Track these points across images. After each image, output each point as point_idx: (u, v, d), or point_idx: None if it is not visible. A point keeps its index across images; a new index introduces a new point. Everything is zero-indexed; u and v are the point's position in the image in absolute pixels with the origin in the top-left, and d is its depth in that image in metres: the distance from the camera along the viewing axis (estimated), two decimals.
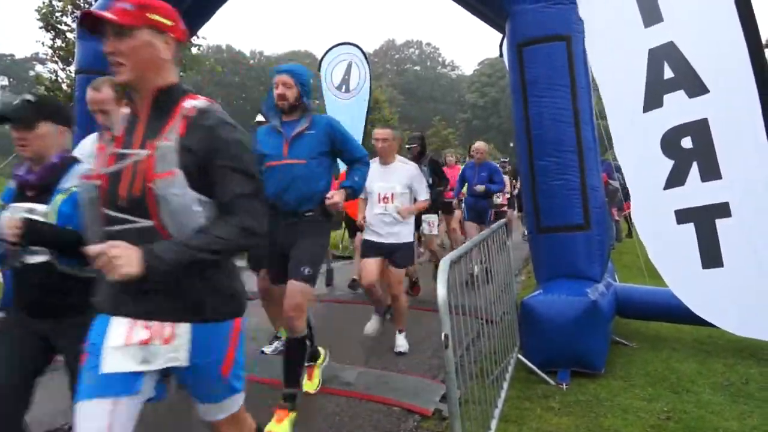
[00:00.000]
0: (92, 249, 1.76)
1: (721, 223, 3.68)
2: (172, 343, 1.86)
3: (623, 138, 4.13)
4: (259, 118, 5.18)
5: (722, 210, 3.67)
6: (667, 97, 3.85)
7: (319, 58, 12.92)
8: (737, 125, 3.66)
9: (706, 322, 3.92)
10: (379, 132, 5.05)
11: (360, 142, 11.42)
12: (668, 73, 3.86)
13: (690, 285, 3.81)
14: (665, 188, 3.89)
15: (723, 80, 3.70)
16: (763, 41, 3.92)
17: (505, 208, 9.83)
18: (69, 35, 14.13)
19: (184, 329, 1.88)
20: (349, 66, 12.14)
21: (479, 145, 8.60)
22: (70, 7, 14.24)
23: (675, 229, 3.81)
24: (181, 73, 16.52)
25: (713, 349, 4.82)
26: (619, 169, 9.87)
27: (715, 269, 3.68)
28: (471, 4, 5.92)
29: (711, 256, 3.69)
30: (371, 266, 4.88)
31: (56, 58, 14.78)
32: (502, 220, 5.26)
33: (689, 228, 3.77)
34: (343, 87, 12.18)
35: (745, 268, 3.66)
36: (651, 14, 3.92)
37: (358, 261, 6.40)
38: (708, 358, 4.60)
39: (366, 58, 12.24)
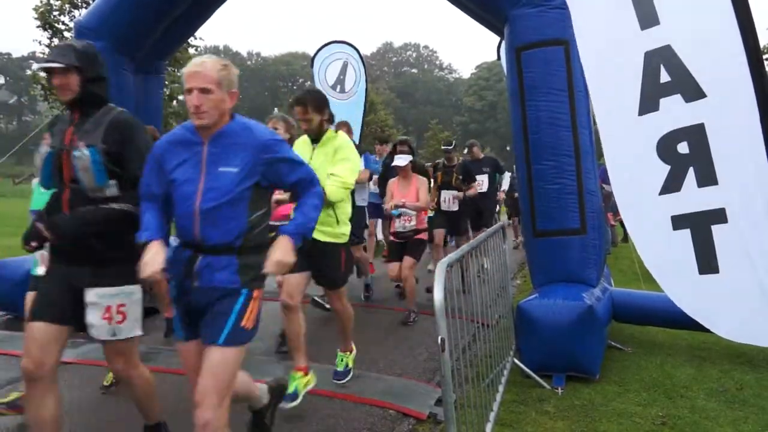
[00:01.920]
0: None
1: (717, 229, 3.67)
2: None
3: (614, 141, 4.12)
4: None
5: (718, 216, 3.67)
6: (663, 101, 3.85)
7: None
8: (734, 130, 3.66)
9: (701, 328, 3.92)
10: None
11: (357, 144, 11.42)
12: (665, 77, 3.85)
13: (687, 291, 3.81)
14: (660, 193, 3.88)
15: (720, 85, 3.69)
16: (761, 46, 3.92)
17: (423, 235, 6.44)
18: (66, 34, 14.10)
19: None
20: (345, 66, 12.03)
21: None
22: (67, 6, 14.21)
23: (671, 235, 3.80)
24: (179, 74, 16.52)
25: (708, 355, 4.82)
26: None
27: (711, 275, 3.68)
28: (469, 7, 5.92)
29: (707, 262, 3.69)
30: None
31: None
32: (499, 224, 5.19)
33: (685, 234, 3.77)
34: (338, 87, 12.07)
35: (741, 274, 3.65)
36: (647, 17, 3.91)
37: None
38: (703, 364, 4.60)
39: (362, 58, 12.17)
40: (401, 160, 6.39)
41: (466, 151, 9.24)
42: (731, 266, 3.66)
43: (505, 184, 8.66)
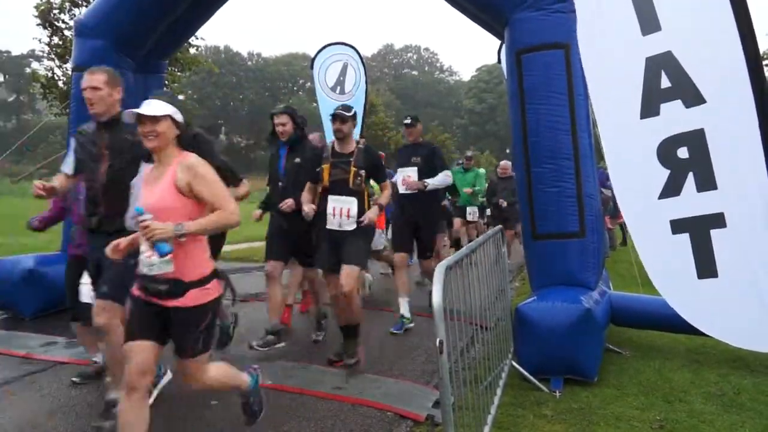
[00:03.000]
0: None
1: (715, 234, 3.68)
2: None
3: (616, 145, 4.13)
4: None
5: (717, 220, 3.67)
6: (663, 106, 3.86)
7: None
8: (733, 136, 3.67)
9: (699, 332, 3.93)
10: None
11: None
12: (665, 83, 3.86)
13: (685, 295, 3.81)
14: (660, 198, 3.89)
15: (720, 91, 3.70)
16: (761, 52, 3.93)
17: (204, 293, 2.78)
18: (66, 32, 14.10)
19: None
20: (345, 67, 11.98)
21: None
22: (68, 4, 14.22)
23: (670, 239, 3.81)
24: (179, 73, 16.51)
25: (706, 359, 4.82)
26: (609, 177, 9.87)
27: (709, 279, 3.69)
28: (470, 10, 5.93)
29: (706, 266, 3.70)
30: None
31: (53, 56, 14.74)
32: (497, 228, 5.21)
33: (684, 238, 3.77)
34: (338, 88, 11.99)
35: (739, 279, 3.66)
36: (649, 23, 3.93)
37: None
38: (701, 368, 4.60)
39: (362, 60, 12.14)
40: (148, 107, 2.80)
41: (407, 123, 6.36)
42: (730, 271, 3.67)
43: (437, 182, 6.08)
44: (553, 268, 4.87)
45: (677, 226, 3.83)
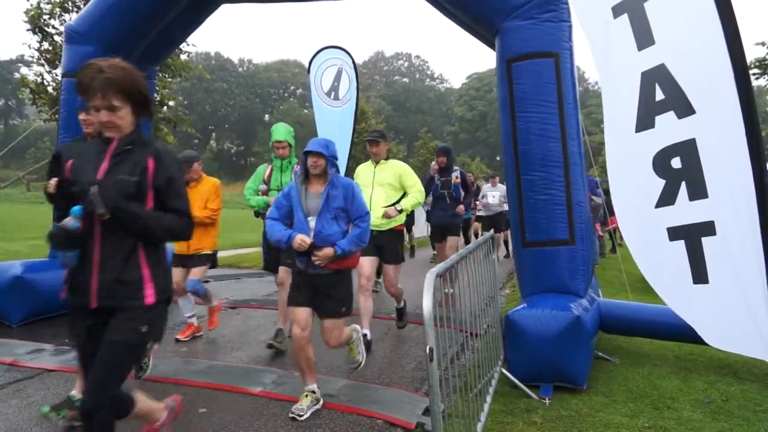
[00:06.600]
0: None
1: (707, 241, 3.73)
2: None
3: (616, 157, 4.20)
4: None
5: (708, 228, 3.73)
6: (658, 119, 3.93)
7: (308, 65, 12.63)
8: (722, 145, 3.72)
9: (687, 339, 3.96)
10: None
11: (347, 152, 11.37)
12: (659, 95, 3.93)
13: (683, 299, 3.87)
14: (657, 207, 3.96)
15: (709, 101, 3.76)
16: (748, 62, 4.00)
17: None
18: (57, 38, 14.06)
19: None
20: (339, 72, 11.96)
21: None
22: (58, 10, 14.18)
23: (668, 245, 3.88)
24: (170, 80, 16.48)
25: (694, 366, 4.85)
26: (598, 185, 9.92)
27: (702, 285, 3.75)
28: (461, 19, 5.97)
29: (699, 272, 3.77)
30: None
31: (43, 61, 14.67)
32: (488, 234, 5.21)
33: (680, 245, 3.84)
34: (332, 94, 11.98)
35: (728, 285, 3.71)
36: (644, 37, 4.00)
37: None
38: (689, 375, 4.63)
39: (355, 65, 12.15)
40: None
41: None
42: (719, 277, 3.72)
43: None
44: (543, 275, 4.89)
45: (674, 233, 3.90)
